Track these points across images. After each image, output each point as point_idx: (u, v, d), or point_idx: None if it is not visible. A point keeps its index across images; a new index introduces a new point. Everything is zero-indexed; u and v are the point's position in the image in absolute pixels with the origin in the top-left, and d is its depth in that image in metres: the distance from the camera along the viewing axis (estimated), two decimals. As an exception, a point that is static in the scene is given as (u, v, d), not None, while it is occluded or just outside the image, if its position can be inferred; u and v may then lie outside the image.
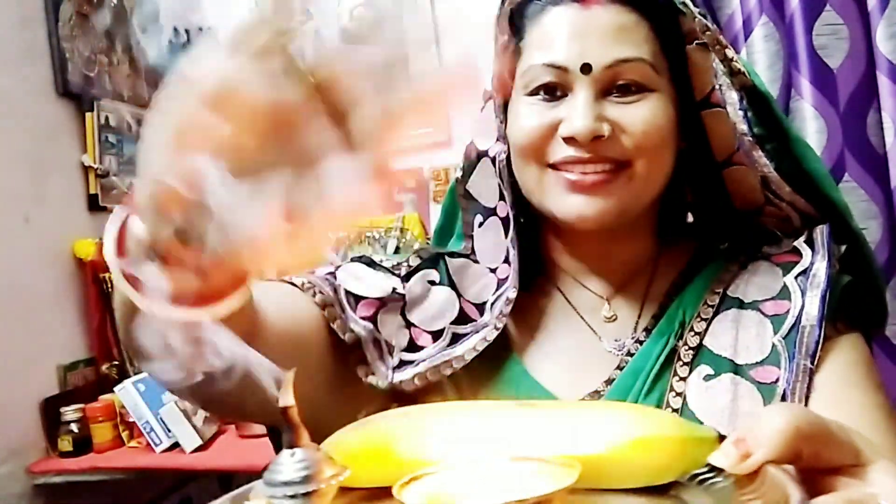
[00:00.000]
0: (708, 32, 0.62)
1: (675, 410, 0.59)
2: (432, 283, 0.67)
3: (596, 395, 0.63)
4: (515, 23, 0.67)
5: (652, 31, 0.62)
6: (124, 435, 1.33)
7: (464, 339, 0.64)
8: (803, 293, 0.62)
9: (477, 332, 0.65)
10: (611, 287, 0.68)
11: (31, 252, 1.38)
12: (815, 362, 0.60)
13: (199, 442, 1.22)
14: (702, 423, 0.58)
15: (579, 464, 0.31)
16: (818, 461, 0.33)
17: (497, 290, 0.67)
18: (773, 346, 0.61)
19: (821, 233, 0.65)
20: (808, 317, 0.61)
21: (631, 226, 0.65)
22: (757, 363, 0.61)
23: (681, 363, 0.62)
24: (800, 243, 0.65)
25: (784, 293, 0.63)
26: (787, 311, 0.62)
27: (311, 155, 0.33)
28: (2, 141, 1.35)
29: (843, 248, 0.66)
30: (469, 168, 0.71)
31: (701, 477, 0.33)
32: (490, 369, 0.64)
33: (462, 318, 0.65)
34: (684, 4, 0.62)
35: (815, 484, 0.33)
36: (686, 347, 0.62)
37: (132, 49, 1.73)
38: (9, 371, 1.29)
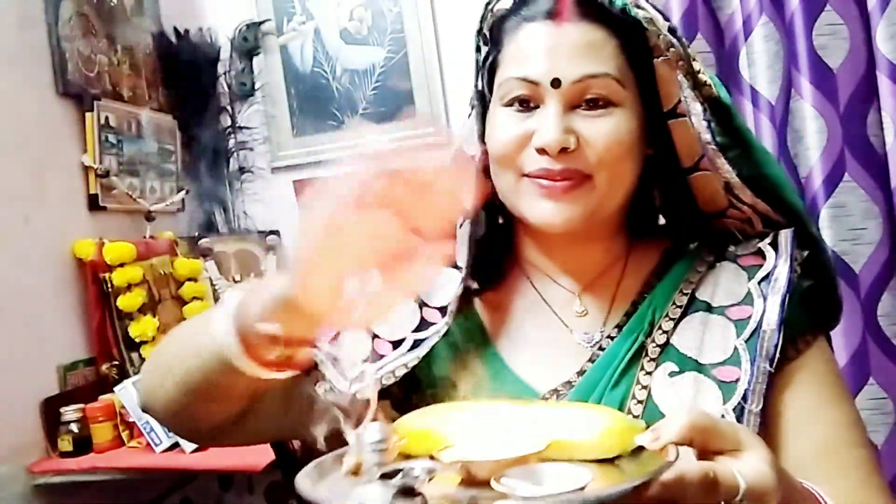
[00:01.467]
0: (672, 49, 0.67)
1: (640, 402, 0.66)
2: None
3: (568, 385, 0.68)
4: (494, 36, 0.71)
5: (620, 46, 0.66)
6: (124, 435, 1.34)
7: (423, 343, 0.69)
8: (765, 298, 0.67)
9: (438, 332, 0.70)
10: (581, 283, 0.74)
11: (30, 252, 1.38)
12: (776, 366, 0.65)
13: (199, 442, 1.22)
14: (664, 415, 0.63)
15: (550, 438, 0.48)
16: (707, 445, 0.48)
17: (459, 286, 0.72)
18: (736, 348, 0.66)
19: (785, 237, 0.70)
20: (768, 322, 0.66)
21: (599, 228, 0.71)
22: (719, 363, 0.66)
23: (648, 359, 0.67)
24: (765, 245, 0.70)
25: (748, 299, 0.68)
26: (750, 317, 0.67)
27: (400, 262, 0.48)
28: (2, 141, 1.35)
29: (806, 253, 0.70)
30: None
31: (631, 451, 0.50)
32: (471, 361, 0.69)
33: (423, 325, 0.71)
34: (650, 21, 0.66)
35: (707, 459, 0.48)
36: (654, 345, 0.68)
37: (132, 49, 1.73)
38: (9, 371, 1.29)
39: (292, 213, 1.94)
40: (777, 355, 0.64)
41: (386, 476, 0.44)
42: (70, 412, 1.32)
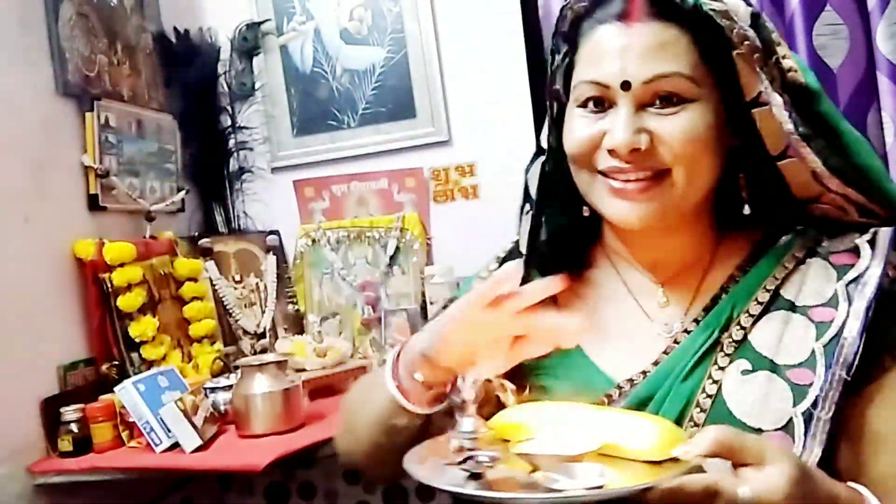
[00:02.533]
0: (746, 42, 0.66)
1: (709, 396, 0.66)
2: None
3: (643, 374, 0.70)
4: (571, 38, 0.72)
5: (693, 42, 0.67)
6: (124, 435, 1.33)
7: None
8: (850, 303, 0.65)
9: None
10: (665, 275, 0.74)
11: (30, 252, 1.38)
12: (862, 378, 0.64)
13: (199, 442, 1.22)
14: (731, 411, 0.65)
15: (602, 441, 0.57)
16: (732, 458, 0.53)
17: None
18: (813, 351, 0.65)
19: (885, 236, 0.68)
20: (850, 329, 0.64)
21: (681, 222, 0.71)
22: (795, 365, 0.65)
23: (722, 354, 0.67)
24: (862, 242, 0.69)
25: (833, 300, 0.66)
26: (832, 320, 0.65)
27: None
28: (1, 141, 1.35)
29: None
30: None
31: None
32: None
33: None
34: (724, 15, 0.65)
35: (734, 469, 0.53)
36: (730, 340, 0.68)
37: (132, 49, 1.73)
38: (9, 371, 1.29)
39: (292, 213, 1.94)
40: (855, 363, 0.63)
41: (466, 460, 0.58)
42: (70, 412, 1.32)
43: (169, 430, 1.24)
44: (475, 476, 0.57)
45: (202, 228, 1.92)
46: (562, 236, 0.79)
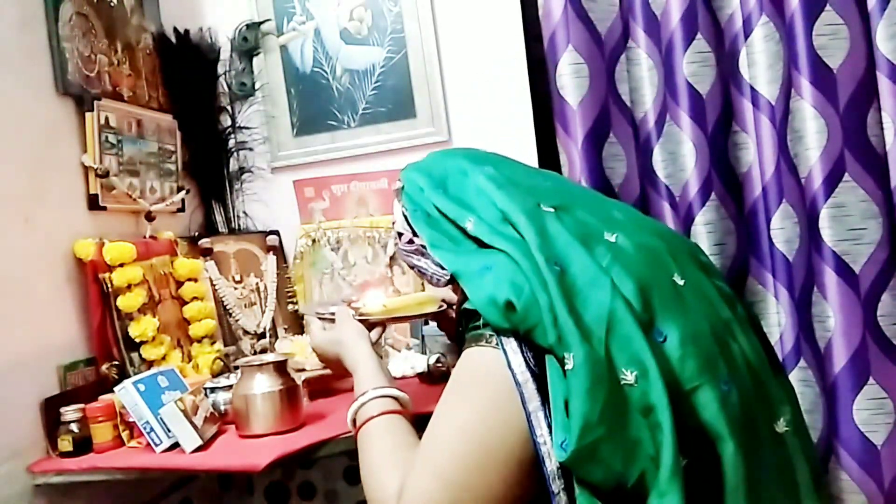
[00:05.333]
0: None
1: None
2: None
3: None
4: None
5: None
6: (124, 435, 1.33)
7: None
8: None
9: None
10: None
11: (31, 252, 1.38)
12: None
13: (199, 442, 1.22)
14: None
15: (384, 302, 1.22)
16: None
17: None
18: None
19: None
20: None
21: None
22: None
23: None
24: None
25: None
26: None
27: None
28: (1, 141, 1.35)
29: None
30: None
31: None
32: None
33: None
34: None
35: None
36: None
37: (132, 49, 1.73)
38: (9, 371, 1.29)
39: (292, 213, 1.94)
40: None
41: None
42: (70, 412, 1.32)
43: (169, 430, 1.24)
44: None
45: (202, 228, 1.92)
46: None
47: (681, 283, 0.86)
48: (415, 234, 1.03)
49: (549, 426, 0.78)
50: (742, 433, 0.78)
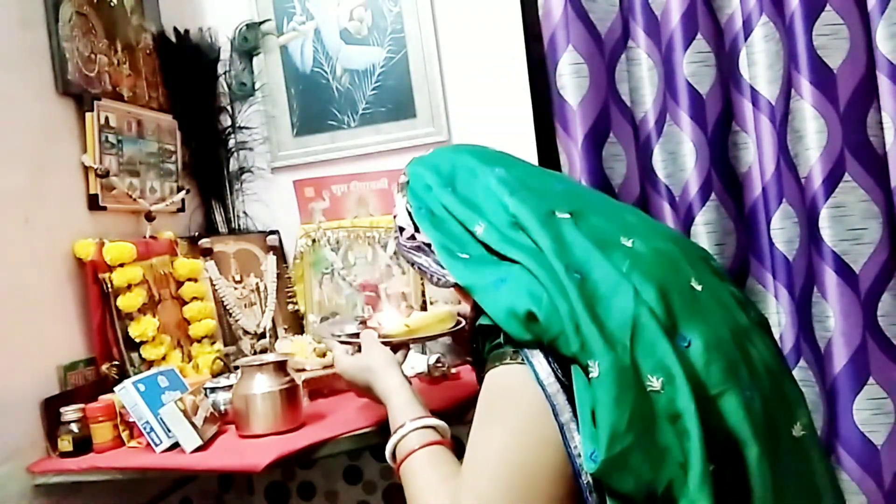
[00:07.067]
0: None
1: None
2: None
3: None
4: None
5: None
6: (124, 435, 1.33)
7: None
8: None
9: None
10: None
11: (31, 252, 1.38)
12: None
13: (199, 442, 1.22)
14: None
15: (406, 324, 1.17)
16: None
17: None
18: None
19: None
20: None
21: None
22: None
23: None
24: None
25: None
26: None
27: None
28: (1, 141, 1.35)
29: None
30: None
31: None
32: None
33: None
34: None
35: None
36: None
37: (132, 49, 1.73)
38: (9, 371, 1.29)
39: (292, 213, 1.94)
40: None
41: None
42: (70, 412, 1.32)
43: (169, 430, 1.24)
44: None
45: (202, 228, 1.92)
46: None
47: (698, 288, 0.84)
48: (417, 230, 1.01)
49: None
50: (765, 439, 0.77)
